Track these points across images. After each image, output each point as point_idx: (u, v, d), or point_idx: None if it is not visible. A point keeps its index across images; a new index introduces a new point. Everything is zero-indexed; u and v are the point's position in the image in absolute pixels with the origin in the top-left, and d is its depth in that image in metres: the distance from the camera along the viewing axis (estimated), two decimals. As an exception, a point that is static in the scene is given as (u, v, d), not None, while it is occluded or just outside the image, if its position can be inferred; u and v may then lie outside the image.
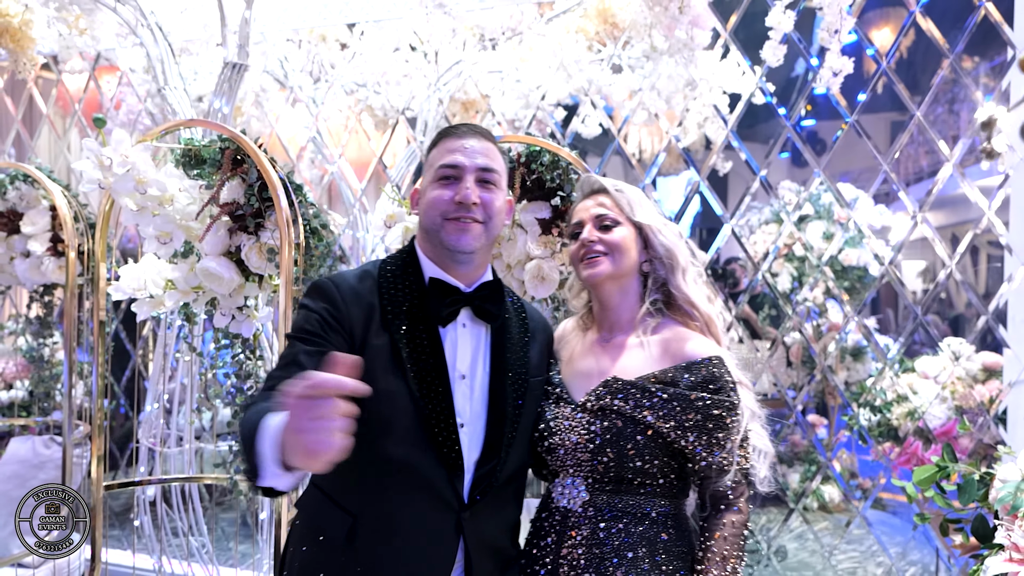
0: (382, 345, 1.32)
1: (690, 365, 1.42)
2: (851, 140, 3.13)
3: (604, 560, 1.38)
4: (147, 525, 2.88)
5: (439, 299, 1.37)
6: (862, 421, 3.44)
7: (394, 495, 1.31)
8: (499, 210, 1.41)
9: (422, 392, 1.31)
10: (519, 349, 1.45)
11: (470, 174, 1.37)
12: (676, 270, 1.50)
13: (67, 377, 2.54)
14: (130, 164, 1.90)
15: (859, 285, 4.78)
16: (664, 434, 1.39)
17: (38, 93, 4.02)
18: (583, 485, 1.44)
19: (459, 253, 1.37)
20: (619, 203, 1.51)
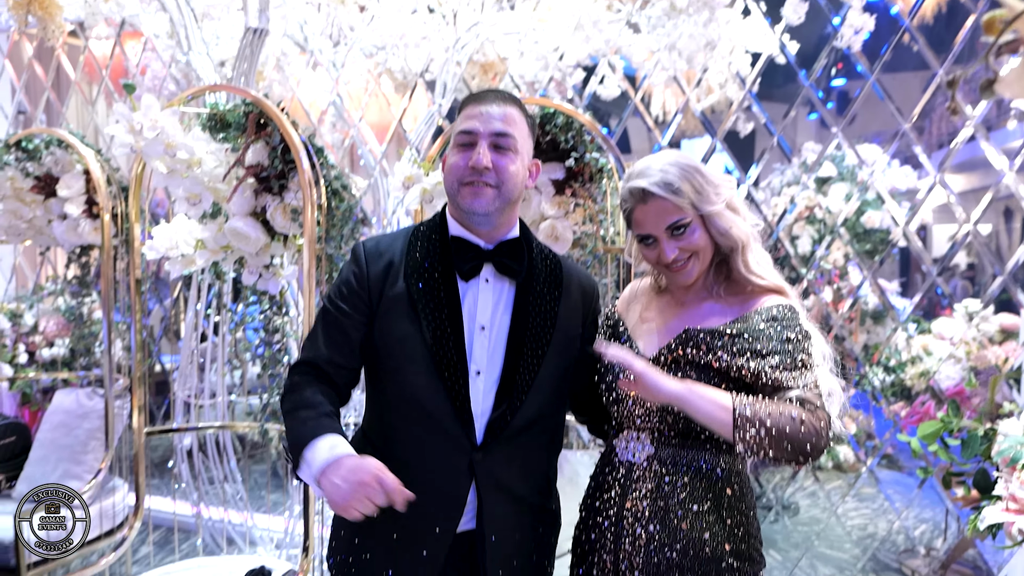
0: (400, 293, 1.43)
1: (761, 310, 1.41)
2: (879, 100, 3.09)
3: (669, 512, 1.39)
4: (185, 473, 3.04)
5: (460, 255, 1.44)
6: (875, 382, 3.48)
7: (414, 433, 1.42)
8: (513, 174, 1.43)
9: (433, 339, 1.40)
10: (545, 303, 1.49)
11: (484, 139, 1.41)
12: (737, 252, 1.45)
13: (107, 334, 2.67)
14: (159, 128, 1.98)
15: (881, 248, 4.76)
16: (741, 369, 1.36)
17: (67, 59, 4.11)
18: (648, 439, 1.45)
19: (474, 215, 1.43)
20: (680, 204, 1.42)
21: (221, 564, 2.36)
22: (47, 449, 2.85)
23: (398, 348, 1.42)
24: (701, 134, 6.19)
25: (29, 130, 2.95)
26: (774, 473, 4.70)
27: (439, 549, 1.41)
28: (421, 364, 1.40)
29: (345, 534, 1.48)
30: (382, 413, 1.47)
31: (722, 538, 1.38)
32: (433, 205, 2.25)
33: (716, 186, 1.44)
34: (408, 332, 1.41)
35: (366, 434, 1.51)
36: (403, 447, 1.43)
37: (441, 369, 1.40)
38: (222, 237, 2.12)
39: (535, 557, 1.51)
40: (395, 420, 1.44)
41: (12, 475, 2.91)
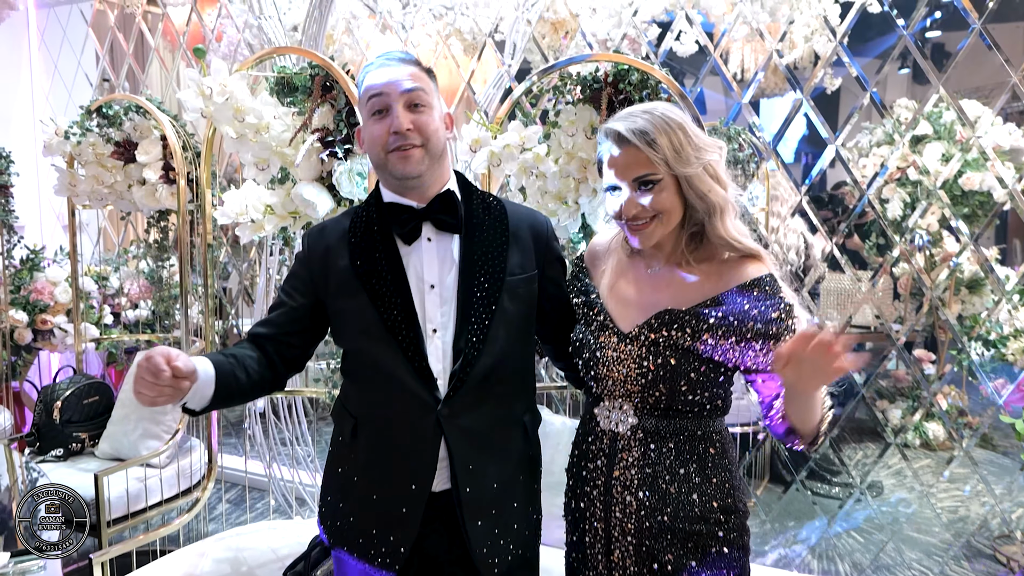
0: (344, 269, 1.46)
1: (741, 287, 1.38)
2: (980, 52, 2.83)
3: (656, 478, 1.41)
4: (258, 434, 3.12)
5: (396, 219, 1.46)
6: (973, 356, 3.25)
7: (381, 399, 1.45)
8: (435, 130, 1.44)
9: (382, 304, 1.43)
10: (492, 252, 1.49)
11: (396, 102, 1.41)
12: (714, 216, 1.40)
13: (182, 297, 2.74)
14: (228, 93, 1.97)
15: (980, 212, 4.42)
16: (726, 352, 1.37)
17: (147, 27, 4.19)
18: (631, 411, 1.45)
19: (408, 179, 1.44)
20: (652, 159, 1.36)
21: (289, 528, 2.41)
22: (128, 409, 2.96)
23: (352, 322, 1.47)
24: (781, 92, 5.86)
25: (109, 96, 3.02)
26: (856, 450, 4.50)
27: (417, 507, 1.43)
28: (375, 332, 1.43)
29: (331, 499, 1.54)
30: (353, 383, 1.53)
31: (709, 496, 1.41)
32: (501, 169, 2.18)
33: (699, 149, 1.38)
34: (358, 305, 1.44)
35: (343, 404, 1.55)
36: (374, 413, 1.47)
37: (394, 333, 1.42)
38: (290, 202, 2.11)
39: (516, 504, 1.53)
40: (364, 389, 1.49)
41: (96, 434, 3.05)
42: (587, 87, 2.09)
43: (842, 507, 3.39)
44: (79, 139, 2.94)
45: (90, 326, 3.66)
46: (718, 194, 1.40)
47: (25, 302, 3.69)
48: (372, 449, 1.47)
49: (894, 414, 4.56)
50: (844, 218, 4.70)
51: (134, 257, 3.96)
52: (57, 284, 3.73)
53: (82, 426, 3.02)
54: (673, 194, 1.39)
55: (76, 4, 4.32)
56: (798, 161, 8.53)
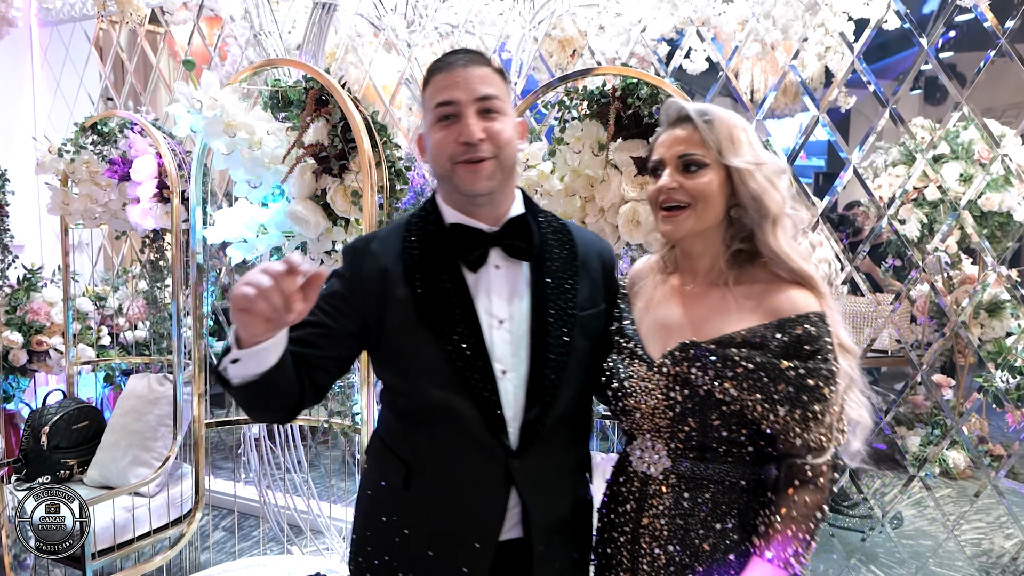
0: (405, 298, 1.28)
1: (782, 323, 1.22)
2: (996, 72, 2.75)
3: (690, 531, 1.25)
4: (253, 461, 3.01)
5: (463, 244, 1.29)
6: (998, 383, 3.12)
7: (442, 443, 1.29)
8: (509, 139, 1.28)
9: (450, 343, 1.26)
10: (563, 283, 1.34)
11: (469, 107, 1.25)
12: (765, 222, 1.26)
13: (175, 318, 2.65)
14: (219, 107, 1.89)
15: (1000, 233, 4.30)
16: (749, 407, 1.22)
17: (148, 46, 4.16)
18: (664, 450, 1.29)
19: (477, 196, 1.28)
20: (706, 138, 1.26)
21: (281, 563, 2.29)
22: (118, 435, 2.87)
23: (413, 362, 1.29)
24: (793, 113, 5.79)
25: (104, 113, 2.96)
26: (874, 479, 4.35)
27: (481, 564, 1.28)
28: (440, 374, 1.27)
29: (371, 550, 1.35)
30: (405, 428, 1.34)
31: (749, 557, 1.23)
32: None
33: (755, 151, 1.27)
34: (420, 342, 1.27)
35: (389, 447, 1.37)
36: (432, 461, 1.31)
37: (464, 377, 1.26)
38: (283, 222, 2.02)
39: (577, 554, 1.41)
40: (421, 435, 1.31)
41: (84, 460, 2.94)
42: (594, 102, 2.01)
43: (864, 540, 3.24)
44: (73, 157, 2.87)
45: (86, 348, 3.58)
46: (774, 200, 1.26)
47: (21, 323, 3.61)
48: (429, 501, 1.30)
49: (912, 441, 4.41)
50: (863, 239, 4.59)
51: (133, 277, 3.89)
52: (54, 304, 3.65)
53: (70, 452, 2.92)
54: (716, 187, 1.27)
55: (79, 22, 4.29)
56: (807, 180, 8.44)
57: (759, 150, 1.28)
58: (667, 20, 3.65)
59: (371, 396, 1.91)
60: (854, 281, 2.90)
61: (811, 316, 1.22)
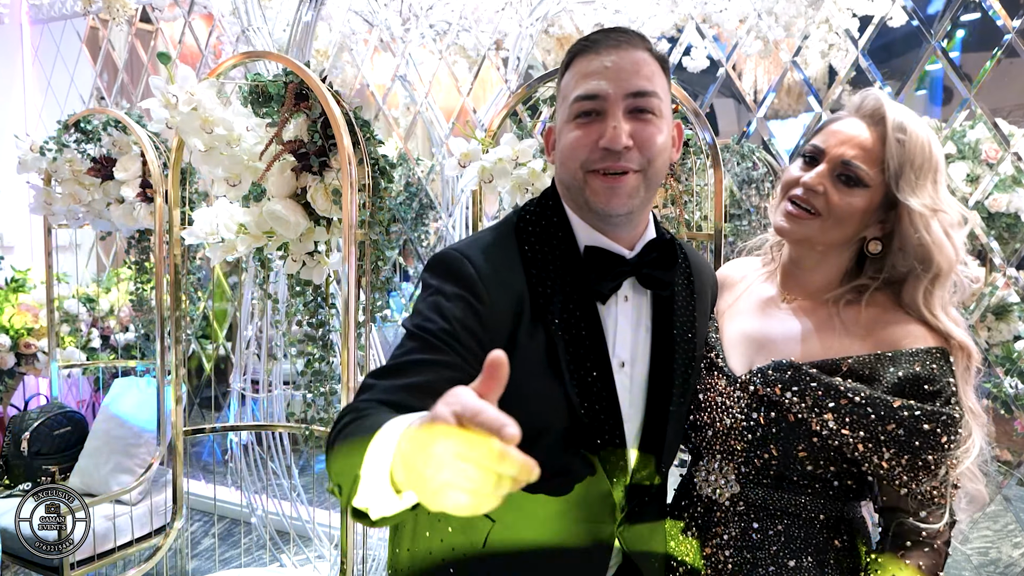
0: (537, 341, 1.02)
1: (898, 356, 1.05)
2: (1002, 72, 2.68)
3: (757, 566, 1.11)
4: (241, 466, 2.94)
5: (600, 271, 1.05)
6: (1007, 388, 3.02)
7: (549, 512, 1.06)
8: (662, 148, 1.02)
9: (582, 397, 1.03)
10: (685, 319, 1.13)
11: (617, 104, 1.00)
12: (924, 277, 1.07)
13: (159, 322, 2.57)
14: (196, 102, 1.81)
15: (1007, 235, 4.21)
16: (849, 446, 1.06)
17: (139, 44, 4.09)
18: (733, 475, 1.14)
19: (612, 217, 1.04)
20: (887, 156, 1.06)
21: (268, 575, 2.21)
22: (100, 441, 2.79)
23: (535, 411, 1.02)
24: (795, 114, 5.70)
25: (87, 110, 2.89)
26: (878, 486, 4.26)
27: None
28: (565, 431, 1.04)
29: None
30: None
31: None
32: (493, 186, 2.01)
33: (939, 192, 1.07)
34: (548, 390, 1.02)
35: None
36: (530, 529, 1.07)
37: (590, 434, 1.04)
38: (264, 222, 1.95)
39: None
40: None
41: (66, 467, 2.88)
42: (587, 97, 1.93)
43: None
44: (55, 155, 2.80)
45: (76, 350, 3.51)
46: (947, 256, 1.07)
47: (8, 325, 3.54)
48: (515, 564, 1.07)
49: (918, 447, 4.32)
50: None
51: (124, 279, 3.82)
52: (42, 307, 3.58)
53: (52, 459, 2.85)
54: (860, 212, 1.08)
55: (70, 20, 4.23)
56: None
57: (943, 192, 1.09)
58: (667, 17, 3.58)
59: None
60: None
61: (934, 352, 1.06)
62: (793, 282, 1.19)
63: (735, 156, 3.29)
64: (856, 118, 1.11)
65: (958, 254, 1.09)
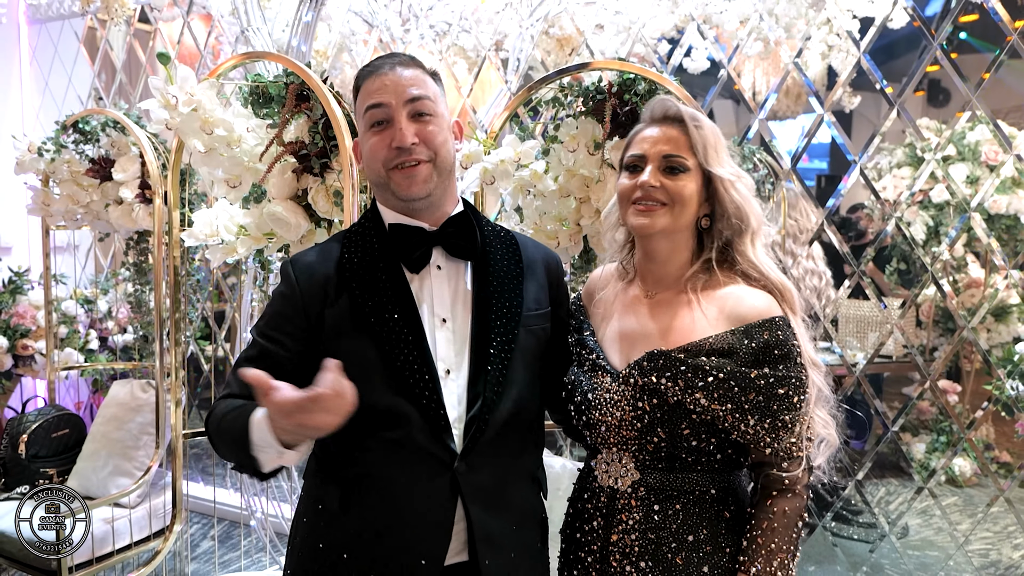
0: (344, 308, 1.26)
1: (749, 329, 1.22)
2: (1003, 74, 2.69)
3: (661, 545, 1.23)
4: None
5: (404, 244, 1.28)
6: (1008, 391, 3.02)
7: (383, 455, 1.24)
8: (444, 141, 1.27)
9: (391, 344, 1.23)
10: (508, 283, 1.32)
11: (400, 110, 1.25)
12: (745, 233, 1.28)
13: (157, 324, 2.56)
14: (196, 103, 1.80)
15: (1007, 236, 4.21)
16: (719, 418, 1.21)
17: (137, 43, 4.08)
18: (631, 463, 1.27)
19: (415, 201, 1.28)
20: (694, 142, 1.26)
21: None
22: (99, 443, 2.78)
23: (354, 368, 1.17)
24: (794, 115, 5.70)
25: (86, 111, 2.88)
26: (878, 486, 4.25)
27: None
28: (379, 377, 1.23)
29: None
30: (340, 439, 1.21)
31: (722, 569, 1.23)
32: (495, 187, 2.01)
33: (733, 162, 1.30)
34: (360, 347, 1.24)
35: (320, 462, 1.31)
36: (373, 475, 1.25)
37: (404, 378, 1.22)
38: (264, 223, 1.94)
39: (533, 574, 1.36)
40: (360, 445, 1.24)
41: (64, 470, 2.86)
42: (589, 98, 1.92)
43: (873, 551, 3.15)
44: (53, 156, 2.79)
45: (74, 352, 3.50)
46: (755, 211, 1.28)
47: (6, 326, 3.52)
48: (370, 520, 1.25)
49: (918, 448, 4.32)
50: (867, 242, 4.50)
51: (123, 280, 3.80)
52: (40, 308, 3.57)
53: (50, 461, 2.84)
54: (694, 192, 1.27)
55: (68, 20, 4.22)
56: (810, 182, 8.34)
57: (736, 167, 1.31)
58: (668, 18, 3.58)
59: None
60: (858, 285, 2.81)
61: (776, 320, 1.23)
62: (652, 278, 1.34)
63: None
64: (655, 123, 1.30)
65: (761, 213, 1.30)
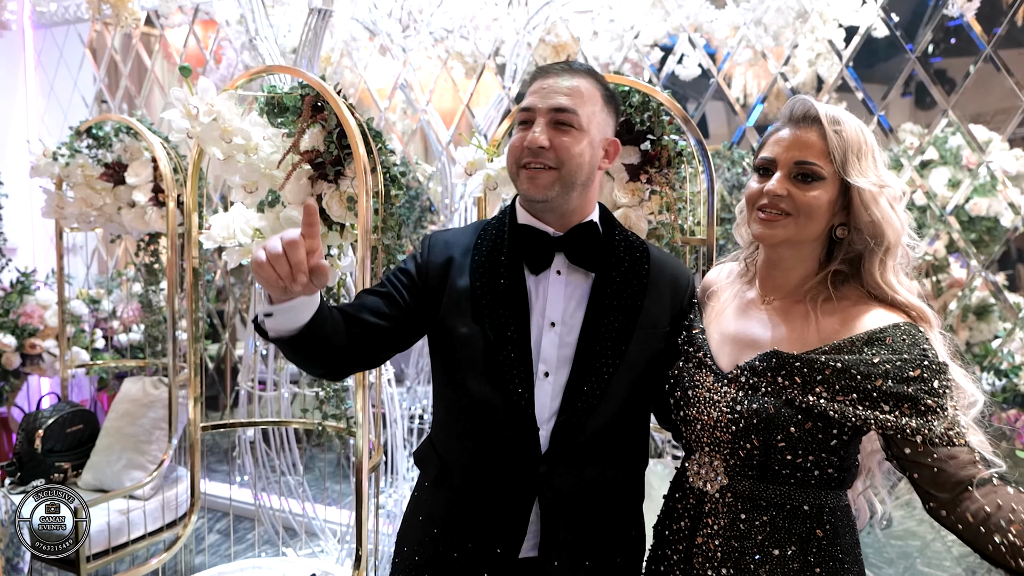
0: (463, 290, 1.33)
1: (871, 336, 1.13)
2: (983, 78, 2.78)
3: (744, 555, 1.19)
4: (248, 464, 3.02)
5: (528, 244, 1.33)
6: (985, 386, 3.15)
7: (473, 441, 1.32)
8: (576, 154, 1.29)
9: (496, 338, 1.29)
10: (625, 296, 1.33)
11: (542, 116, 1.30)
12: (878, 250, 1.18)
13: (170, 322, 2.65)
14: (215, 113, 1.90)
15: (987, 237, 4.35)
16: (847, 414, 1.11)
17: (144, 49, 4.16)
18: (722, 467, 1.23)
19: (534, 202, 1.32)
20: (832, 148, 1.16)
21: (277, 565, 2.30)
22: (112, 438, 2.87)
23: (459, 350, 1.32)
24: (782, 118, 5.83)
25: (99, 117, 2.97)
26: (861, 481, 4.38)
27: (501, 573, 1.29)
28: (482, 366, 1.30)
29: (407, 551, 1.39)
30: (446, 421, 1.38)
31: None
32: (497, 193, 2.11)
33: (879, 170, 1.18)
34: (469, 332, 1.31)
35: (432, 444, 1.41)
36: (463, 458, 1.34)
37: (501, 371, 1.28)
38: (279, 226, 2.04)
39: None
40: (455, 430, 1.35)
41: (79, 464, 2.95)
42: (587, 109, 2.03)
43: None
44: (68, 160, 2.88)
45: (80, 351, 3.58)
46: (894, 227, 1.17)
47: (14, 326, 3.60)
48: (457, 501, 1.33)
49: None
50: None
51: (128, 280, 3.89)
52: (47, 308, 3.65)
53: (65, 456, 2.92)
54: (826, 202, 1.18)
55: (73, 25, 4.29)
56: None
57: (883, 169, 1.20)
58: (660, 26, 3.69)
59: (367, 399, 1.93)
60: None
61: (900, 324, 1.14)
62: (771, 284, 1.29)
63: (726, 162, 3.39)
64: (791, 124, 1.22)
65: (903, 225, 1.19)
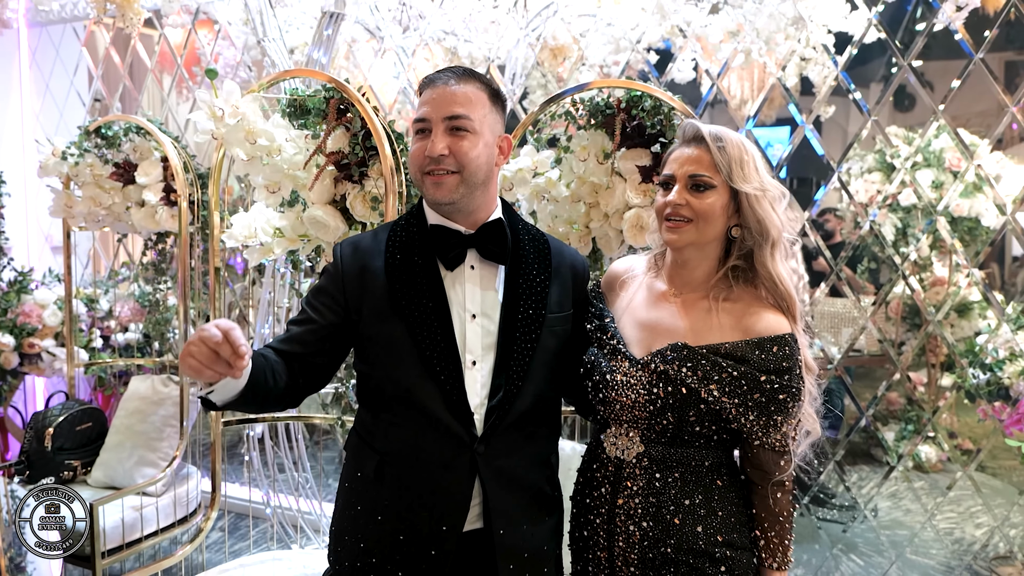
0: (381, 293, 1.40)
1: (761, 342, 1.37)
2: (970, 81, 2.89)
3: (661, 508, 1.40)
4: (255, 461, 3.05)
5: (441, 243, 1.41)
6: (971, 379, 3.27)
7: (411, 433, 1.39)
8: (475, 157, 1.37)
9: (421, 334, 1.37)
10: (535, 284, 1.45)
11: (437, 124, 1.37)
12: (765, 245, 1.41)
13: (182, 320, 2.68)
14: (240, 115, 1.95)
15: (968, 237, 4.50)
16: (726, 409, 1.38)
17: (142, 48, 4.16)
18: (638, 437, 1.43)
19: (441, 205, 1.40)
20: (717, 162, 1.39)
21: (294, 558, 2.35)
22: (123, 435, 2.89)
23: (386, 349, 1.40)
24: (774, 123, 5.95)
25: (109, 117, 2.98)
26: (851, 472, 4.50)
27: (448, 548, 1.38)
28: (410, 362, 1.38)
29: (348, 539, 1.45)
30: (377, 415, 1.44)
31: (714, 530, 1.39)
32: (511, 192, 2.18)
33: (762, 178, 1.41)
34: (394, 331, 1.39)
35: (360, 436, 1.48)
36: (403, 449, 1.41)
37: (432, 364, 1.37)
38: (300, 225, 2.09)
39: (546, 547, 1.50)
40: (391, 423, 1.42)
41: (88, 461, 2.96)
42: (599, 112, 2.10)
43: (846, 531, 3.39)
44: (77, 160, 2.89)
45: (81, 350, 3.58)
46: (775, 224, 1.40)
47: (12, 325, 3.59)
48: (400, 488, 1.41)
49: (887, 436, 4.58)
50: (835, 243, 4.77)
51: (124, 279, 3.89)
52: (46, 307, 3.64)
53: (74, 453, 2.94)
54: (719, 207, 1.40)
55: (69, 23, 4.27)
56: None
57: (764, 175, 1.42)
58: (656, 30, 3.77)
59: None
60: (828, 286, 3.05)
61: (786, 338, 1.38)
62: (679, 280, 1.48)
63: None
64: (684, 144, 1.45)
65: (783, 223, 1.42)
